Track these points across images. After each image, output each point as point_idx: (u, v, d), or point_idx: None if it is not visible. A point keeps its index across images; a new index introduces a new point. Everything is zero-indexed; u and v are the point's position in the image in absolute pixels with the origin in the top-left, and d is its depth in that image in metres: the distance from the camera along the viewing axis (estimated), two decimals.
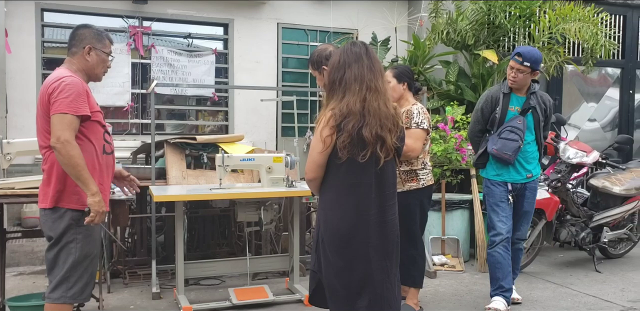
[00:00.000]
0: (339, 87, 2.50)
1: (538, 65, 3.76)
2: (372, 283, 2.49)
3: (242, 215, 4.12)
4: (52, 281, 2.74)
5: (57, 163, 2.68)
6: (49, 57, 5.88)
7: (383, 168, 2.48)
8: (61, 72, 2.78)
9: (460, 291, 4.39)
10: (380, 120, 2.46)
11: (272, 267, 4.44)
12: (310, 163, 2.52)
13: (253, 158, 4.04)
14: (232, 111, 6.57)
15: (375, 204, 2.49)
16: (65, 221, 2.71)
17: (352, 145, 2.41)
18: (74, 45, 2.86)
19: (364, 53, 2.54)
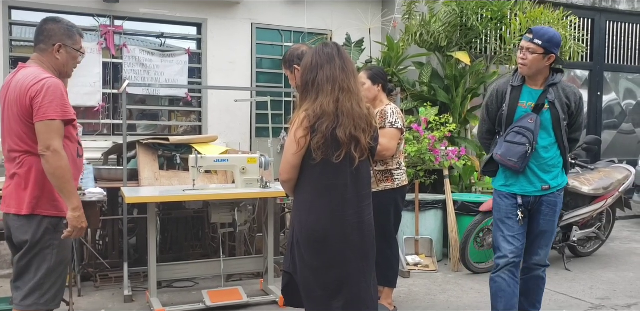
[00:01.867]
0: (312, 88, 2.50)
1: (554, 47, 3.02)
2: (348, 283, 2.49)
3: (216, 216, 4.09)
4: (21, 287, 2.60)
5: (35, 168, 2.57)
6: (17, 56, 5.75)
7: (358, 168, 2.49)
8: (36, 71, 2.60)
9: (434, 290, 4.43)
10: (354, 121, 2.46)
11: (246, 269, 4.42)
12: (284, 164, 2.51)
13: (227, 159, 4.02)
14: (205, 111, 6.51)
15: (351, 205, 2.49)
16: (42, 228, 2.58)
17: (327, 146, 2.42)
18: (42, 41, 2.68)
19: (336, 54, 2.55)
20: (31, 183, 2.57)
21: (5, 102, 2.66)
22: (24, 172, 2.58)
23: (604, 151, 8.76)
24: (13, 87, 2.61)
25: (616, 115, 9.02)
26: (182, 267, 4.17)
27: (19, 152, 2.59)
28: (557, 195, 3.23)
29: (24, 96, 2.52)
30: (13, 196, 2.61)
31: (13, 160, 2.63)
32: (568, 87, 3.15)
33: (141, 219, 4.67)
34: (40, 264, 2.58)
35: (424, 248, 5.23)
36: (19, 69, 2.68)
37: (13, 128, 2.59)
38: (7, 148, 2.66)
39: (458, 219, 5.20)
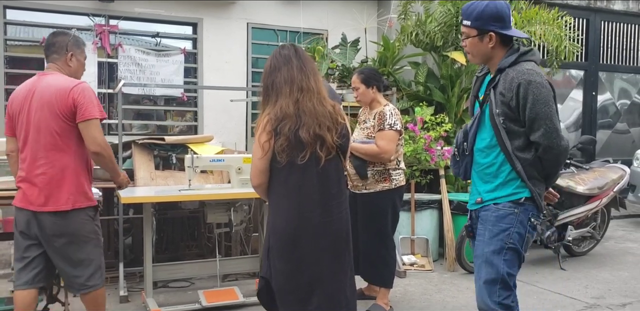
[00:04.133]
0: (272, 91, 2.51)
1: (489, 23, 2.42)
2: (321, 285, 2.49)
3: (212, 216, 4.08)
4: (80, 275, 2.95)
5: (70, 167, 2.86)
6: (12, 55, 5.73)
7: (325, 167, 2.47)
8: (64, 76, 2.95)
9: (430, 290, 4.44)
10: (317, 119, 2.46)
11: (242, 268, 4.41)
12: (252, 169, 2.52)
13: (223, 159, 4.01)
14: (201, 111, 6.50)
15: (318, 205, 2.47)
16: (85, 218, 2.93)
17: (291, 148, 2.42)
18: (54, 51, 3.01)
19: (292, 55, 2.55)
20: (66, 181, 2.86)
21: (30, 106, 2.89)
22: (57, 171, 2.84)
23: (599, 151, 8.79)
24: (42, 91, 2.87)
25: (611, 114, 9.05)
26: (178, 267, 4.16)
27: (52, 150, 2.84)
28: (495, 210, 2.45)
29: (66, 97, 2.83)
30: (46, 194, 2.83)
31: (38, 160, 2.85)
32: (512, 71, 2.38)
33: (137, 219, 4.66)
34: (92, 249, 2.96)
35: (420, 248, 5.24)
36: (41, 76, 2.96)
37: (48, 128, 2.84)
38: (31, 149, 2.87)
39: (454, 219, 5.21)
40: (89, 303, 3.06)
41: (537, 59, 2.47)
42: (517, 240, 2.42)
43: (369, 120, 3.87)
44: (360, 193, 3.77)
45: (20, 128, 2.92)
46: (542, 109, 2.32)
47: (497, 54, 2.48)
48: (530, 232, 2.46)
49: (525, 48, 2.47)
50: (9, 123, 3.01)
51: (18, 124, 2.94)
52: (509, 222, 2.42)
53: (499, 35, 2.44)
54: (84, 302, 3.07)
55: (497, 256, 2.42)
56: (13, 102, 2.97)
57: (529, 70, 2.36)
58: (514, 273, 2.46)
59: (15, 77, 5.77)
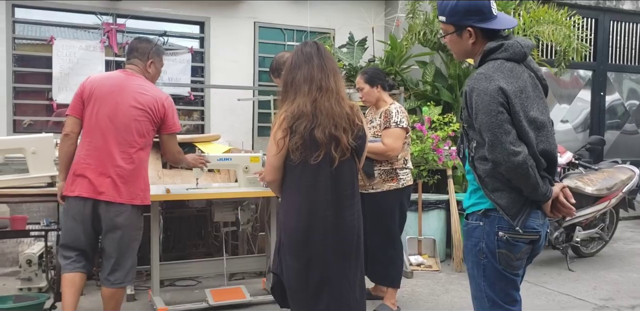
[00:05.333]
0: (291, 88, 2.51)
1: (465, 17, 2.18)
2: (330, 284, 2.48)
3: (219, 215, 4.08)
4: (119, 268, 3.10)
5: (144, 164, 3.11)
6: (20, 53, 5.75)
7: (338, 168, 2.46)
8: (153, 85, 3.21)
9: (437, 291, 4.42)
10: (334, 120, 2.45)
11: (249, 267, 4.40)
12: (267, 166, 2.55)
13: (230, 158, 4.00)
14: (208, 111, 6.50)
15: (330, 205, 2.47)
16: (139, 214, 3.16)
17: (305, 147, 2.42)
18: (136, 56, 3.21)
19: (314, 53, 2.54)
20: (142, 178, 3.11)
21: (118, 102, 3.04)
22: (134, 168, 3.05)
23: (607, 151, 8.73)
24: (135, 92, 3.06)
25: (619, 115, 8.99)
26: (184, 266, 4.16)
27: (135, 148, 3.05)
28: (466, 223, 2.29)
29: (159, 105, 3.11)
30: (118, 187, 3.01)
31: (119, 154, 3.01)
32: (473, 74, 2.18)
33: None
34: (136, 246, 3.18)
35: (427, 248, 5.21)
36: (129, 76, 3.15)
37: (138, 128, 3.05)
38: (112, 142, 3.01)
39: (461, 219, 5.18)
40: (112, 299, 3.11)
41: (510, 54, 2.16)
42: (490, 256, 2.18)
43: (375, 120, 3.86)
44: (367, 193, 3.75)
45: (100, 119, 3.03)
46: (483, 119, 2.07)
47: (474, 50, 2.25)
48: (502, 247, 2.17)
49: (493, 43, 2.18)
50: (78, 105, 3.11)
51: (94, 113, 3.04)
52: (478, 235, 2.22)
53: (479, 30, 2.20)
54: (107, 298, 3.11)
55: (476, 273, 2.25)
56: (94, 89, 3.07)
57: (478, 75, 2.12)
58: (499, 290, 2.21)
59: (22, 75, 5.78)
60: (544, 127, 2.17)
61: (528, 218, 2.18)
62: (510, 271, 2.22)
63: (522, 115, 2.10)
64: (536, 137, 2.14)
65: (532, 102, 2.16)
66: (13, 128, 5.67)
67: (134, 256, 3.19)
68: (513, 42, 2.19)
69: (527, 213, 2.18)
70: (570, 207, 2.26)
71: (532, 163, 2.10)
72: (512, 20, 2.30)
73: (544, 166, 2.17)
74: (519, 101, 2.10)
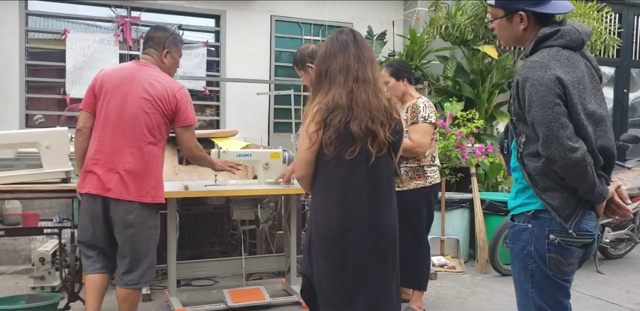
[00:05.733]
0: (325, 79, 2.35)
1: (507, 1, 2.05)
2: (365, 288, 2.33)
3: (238, 213, 3.92)
4: (135, 269, 2.92)
5: (156, 160, 2.91)
6: (33, 47, 5.63)
7: (375, 164, 2.31)
8: (166, 75, 2.97)
9: (463, 293, 4.25)
10: (371, 113, 2.30)
11: (267, 267, 4.25)
12: (298, 160, 2.39)
13: (250, 154, 3.85)
14: (223, 106, 6.37)
15: (366, 203, 2.32)
16: (154, 212, 2.96)
17: (339, 141, 2.26)
18: (152, 46, 3.01)
19: (351, 41, 2.38)
20: (152, 174, 2.90)
21: (127, 94, 2.85)
22: (145, 163, 2.85)
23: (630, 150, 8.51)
24: (145, 83, 2.85)
25: None
26: (202, 265, 4.01)
27: (145, 143, 2.85)
28: (511, 225, 2.12)
29: (170, 96, 2.88)
30: (129, 185, 2.83)
31: (128, 149, 2.82)
32: (523, 65, 2.01)
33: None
34: (153, 245, 2.99)
35: (450, 248, 5.04)
36: (141, 66, 2.95)
37: (148, 121, 2.84)
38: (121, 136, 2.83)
39: (485, 219, 5.00)
40: (126, 301, 2.95)
41: (567, 42, 1.98)
42: (539, 261, 2.01)
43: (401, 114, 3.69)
44: None
45: (109, 112, 2.87)
46: (538, 112, 1.90)
47: (532, 37, 2.06)
48: (553, 251, 2.00)
49: (548, 29, 2.00)
50: (90, 99, 2.96)
51: (104, 105, 2.88)
52: (525, 238, 2.05)
53: (532, 14, 2.04)
54: (121, 299, 2.95)
55: (523, 278, 2.08)
56: (105, 82, 2.91)
57: (533, 63, 1.94)
58: (549, 297, 2.04)
59: (35, 69, 5.67)
60: (602, 121, 1.99)
61: (582, 220, 2.00)
62: (561, 277, 2.05)
63: (580, 108, 1.92)
64: (594, 132, 1.97)
65: (590, 94, 1.99)
66: (25, 122, 5.56)
67: (152, 257, 2.98)
68: (570, 28, 2.01)
69: (580, 215, 2.00)
70: (627, 208, 2.09)
71: (590, 160, 1.93)
72: (567, 4, 2.13)
73: (601, 164, 2.00)
74: (576, 92, 1.92)
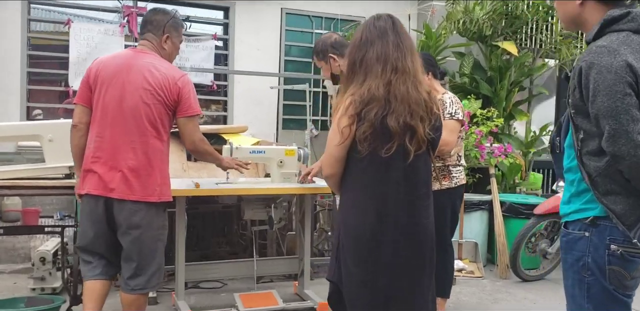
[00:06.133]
0: (360, 68, 2.15)
1: None
2: (400, 299, 2.13)
3: (250, 212, 3.72)
4: (141, 273, 2.68)
5: (160, 156, 2.68)
6: (35, 37, 5.42)
7: (413, 163, 2.11)
8: (166, 62, 2.74)
9: (485, 300, 4.04)
10: (410, 107, 2.09)
11: (279, 270, 4.04)
12: (327, 157, 2.17)
13: (264, 150, 3.64)
14: (231, 101, 6.15)
15: (403, 206, 2.12)
16: (161, 212, 2.73)
17: (375, 137, 2.06)
18: (150, 30, 2.76)
19: (389, 28, 2.18)
20: (157, 171, 2.65)
21: (125, 84, 2.61)
22: (147, 159, 2.62)
23: None
24: (144, 71, 2.61)
25: None
26: (211, 267, 3.80)
27: (148, 136, 2.62)
28: (565, 233, 1.92)
29: (172, 84, 2.63)
30: (131, 183, 2.59)
31: (129, 144, 2.59)
32: (591, 47, 1.79)
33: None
34: (161, 247, 2.75)
35: (468, 252, 4.84)
36: (138, 53, 2.70)
37: (149, 113, 2.61)
38: (121, 131, 2.60)
39: (505, 222, 4.80)
40: (132, 306, 2.71)
41: (638, 26, 1.78)
42: (597, 273, 1.81)
43: None
44: None
45: (106, 104, 2.62)
46: (604, 103, 1.69)
47: (593, 19, 1.84)
48: (614, 263, 1.79)
49: (616, 11, 1.79)
50: (84, 93, 2.69)
51: (101, 98, 2.63)
52: (582, 248, 1.85)
53: None
54: (126, 305, 2.71)
55: (578, 292, 1.89)
56: (100, 72, 2.65)
57: (599, 48, 1.73)
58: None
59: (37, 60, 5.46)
60: None
61: None
62: (622, 291, 1.84)
63: None
64: None
65: None
66: (27, 115, 5.35)
67: (160, 259, 2.75)
68: (637, 12, 1.79)
69: None
70: None
71: None
72: None
73: None
74: None
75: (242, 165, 3.28)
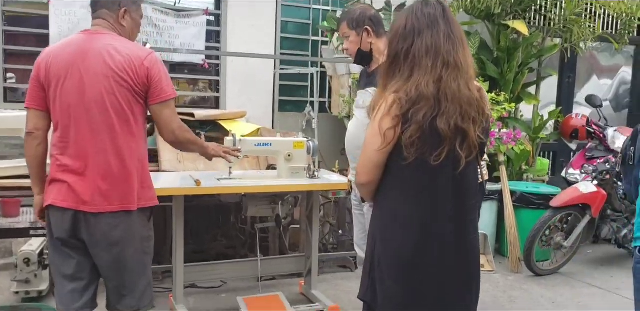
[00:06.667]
0: (405, 61, 1.85)
1: None
2: None
3: (253, 209, 3.44)
4: (128, 294, 2.32)
5: (137, 154, 2.25)
6: (12, 10, 4.97)
7: (463, 172, 1.85)
8: (127, 41, 2.31)
9: (500, 299, 3.84)
10: (462, 107, 1.82)
11: (285, 270, 3.80)
12: (365, 162, 1.90)
13: (270, 143, 3.33)
14: (224, 81, 5.78)
15: (452, 219, 1.88)
16: (145, 220, 2.32)
17: (423, 142, 1.79)
18: (103, 6, 2.30)
19: (440, 15, 1.88)
20: (134, 173, 2.23)
21: (83, 74, 2.19)
22: (122, 160, 2.21)
23: None
24: (104, 55, 2.19)
25: None
26: (211, 268, 3.55)
27: (119, 134, 2.20)
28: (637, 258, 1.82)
29: (137, 65, 2.20)
30: (105, 191, 2.18)
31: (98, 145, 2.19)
32: None
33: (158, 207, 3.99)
34: (148, 260, 2.38)
35: None
36: (92, 35, 2.26)
37: (115, 105, 2.19)
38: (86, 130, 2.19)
39: (516, 212, 4.59)
40: None
41: None
42: None
43: None
44: None
45: (64, 102, 2.20)
46: None
47: None
48: None
49: None
50: (36, 93, 2.26)
51: (57, 95, 2.21)
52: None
53: None
54: None
55: None
56: (51, 65, 2.21)
57: None
58: None
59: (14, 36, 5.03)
60: None
61: None
62: None
63: None
64: None
65: None
66: (4, 97, 4.95)
67: (149, 274, 2.40)
68: None
69: None
70: None
71: None
72: None
73: None
74: None
75: (230, 151, 2.83)
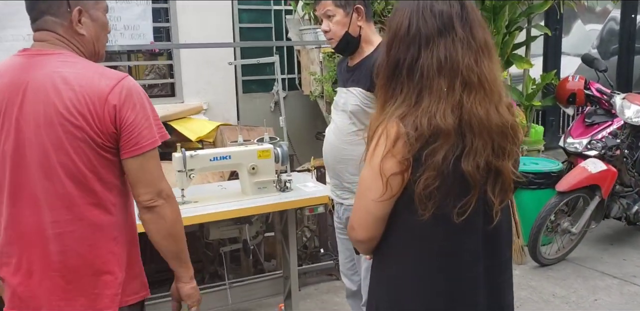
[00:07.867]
0: (409, 79, 1.32)
1: None
2: None
3: (216, 232, 2.94)
4: None
5: (109, 234, 1.54)
6: None
7: (497, 226, 1.39)
8: (84, 62, 1.53)
9: None
10: (493, 140, 1.31)
11: (261, 294, 3.28)
12: (362, 214, 1.39)
13: (228, 155, 2.76)
14: (178, 65, 5.15)
15: (482, 283, 1.42)
16: None
17: (444, 192, 1.30)
18: (45, 12, 1.52)
19: (456, 14, 1.33)
20: (112, 262, 1.54)
21: (19, 121, 1.48)
22: (90, 246, 1.52)
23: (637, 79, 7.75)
24: (46, 92, 1.45)
25: None
26: None
27: (75, 205, 1.49)
28: None
29: (100, 105, 1.45)
30: (64, 293, 1.51)
31: (45, 226, 1.49)
32: None
33: None
34: None
35: None
36: (34, 58, 1.51)
37: (68, 164, 1.47)
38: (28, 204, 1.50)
39: (515, 194, 4.10)
40: None
41: None
42: None
43: None
44: None
45: (5, 162, 1.51)
46: None
47: None
48: None
49: None
50: None
51: None
52: None
53: None
54: None
55: None
56: None
57: None
58: None
59: None
60: None
61: None
62: None
63: None
64: None
65: None
66: None
67: None
68: None
69: None
70: None
71: None
72: None
73: None
74: None
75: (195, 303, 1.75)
